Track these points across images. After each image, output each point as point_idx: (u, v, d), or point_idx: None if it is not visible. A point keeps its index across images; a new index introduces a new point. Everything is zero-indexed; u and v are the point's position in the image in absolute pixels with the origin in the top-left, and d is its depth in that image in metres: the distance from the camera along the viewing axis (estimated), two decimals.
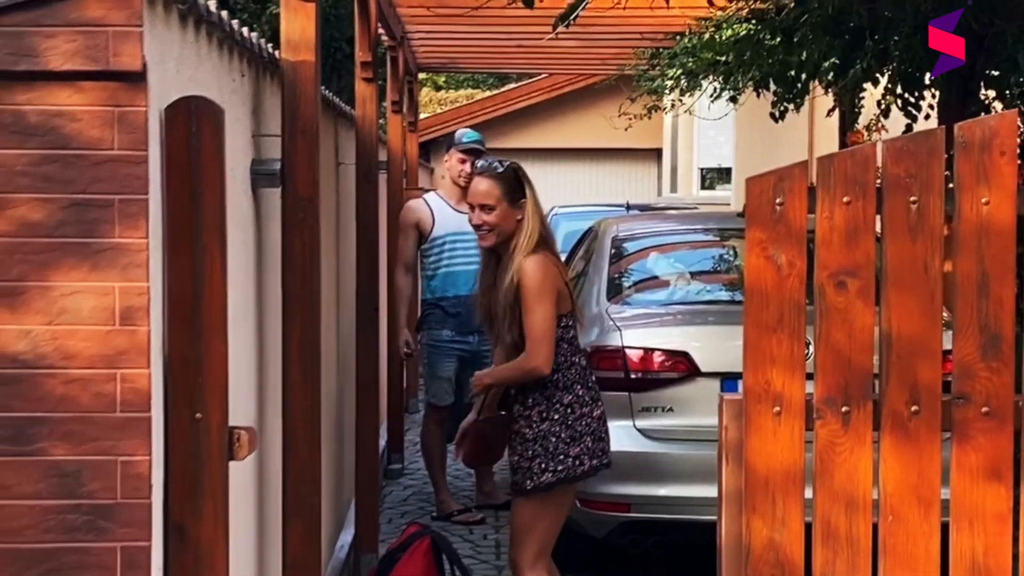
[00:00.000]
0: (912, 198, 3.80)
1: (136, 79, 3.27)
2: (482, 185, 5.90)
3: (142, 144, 3.30)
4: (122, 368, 3.32)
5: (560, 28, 7.47)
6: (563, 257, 10.67)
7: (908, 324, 3.87)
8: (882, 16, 7.89)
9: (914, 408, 3.84)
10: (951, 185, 3.91)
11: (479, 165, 6.22)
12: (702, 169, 20.97)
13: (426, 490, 9.12)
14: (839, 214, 3.83)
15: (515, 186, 5.88)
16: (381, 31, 9.25)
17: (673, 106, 13.66)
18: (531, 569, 5.79)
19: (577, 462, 5.74)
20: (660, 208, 15.71)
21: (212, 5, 3.97)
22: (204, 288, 3.50)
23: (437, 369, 8.70)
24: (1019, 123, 4.66)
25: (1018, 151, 4.07)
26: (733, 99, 11.02)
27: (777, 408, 3.81)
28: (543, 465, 5.68)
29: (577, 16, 6.82)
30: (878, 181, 3.83)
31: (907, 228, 3.84)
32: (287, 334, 4.82)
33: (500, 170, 5.92)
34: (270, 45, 5.06)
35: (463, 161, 8.80)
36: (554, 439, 5.70)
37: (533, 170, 15.65)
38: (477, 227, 5.92)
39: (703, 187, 20.91)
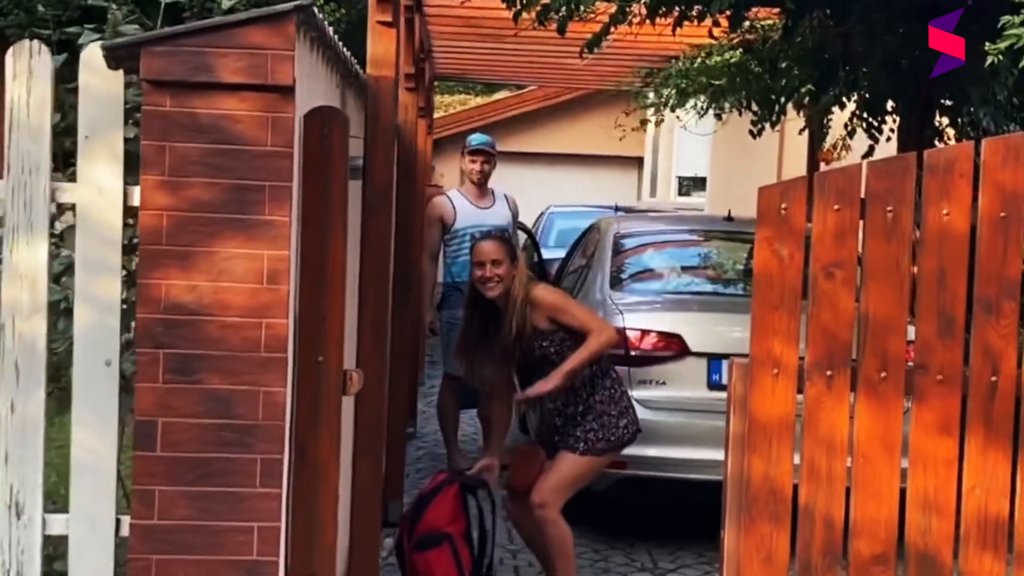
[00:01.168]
0: (888, 208, 4.12)
1: (287, 92, 3.73)
2: (491, 246, 6.25)
3: (289, 143, 3.77)
4: (266, 318, 3.78)
5: (560, 42, 7.81)
6: (563, 251, 10.88)
7: (881, 308, 4.18)
8: (854, 51, 8.15)
9: (883, 374, 4.14)
10: (918, 199, 4.21)
11: (487, 233, 6.63)
12: (679, 177, 20.79)
13: (436, 451, 9.35)
14: (830, 219, 4.12)
15: (513, 250, 6.31)
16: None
17: (662, 121, 13.63)
18: (558, 512, 6.12)
19: (625, 431, 6.19)
20: (642, 210, 15.94)
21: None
22: (328, 259, 3.95)
23: (454, 343, 9.14)
24: (978, 149, 4.98)
25: (974, 172, 4.51)
26: (718, 116, 11.22)
27: (776, 371, 4.12)
28: (599, 435, 6.09)
29: (602, 42, 7.17)
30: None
31: (883, 232, 4.15)
32: (363, 304, 5.23)
33: (503, 235, 6.40)
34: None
35: (473, 161, 9.26)
36: (606, 416, 6.11)
37: (525, 172, 15.48)
38: (487, 280, 6.19)
39: (680, 193, 20.74)
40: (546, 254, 11.68)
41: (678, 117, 11.97)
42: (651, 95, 12.40)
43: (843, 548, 4.25)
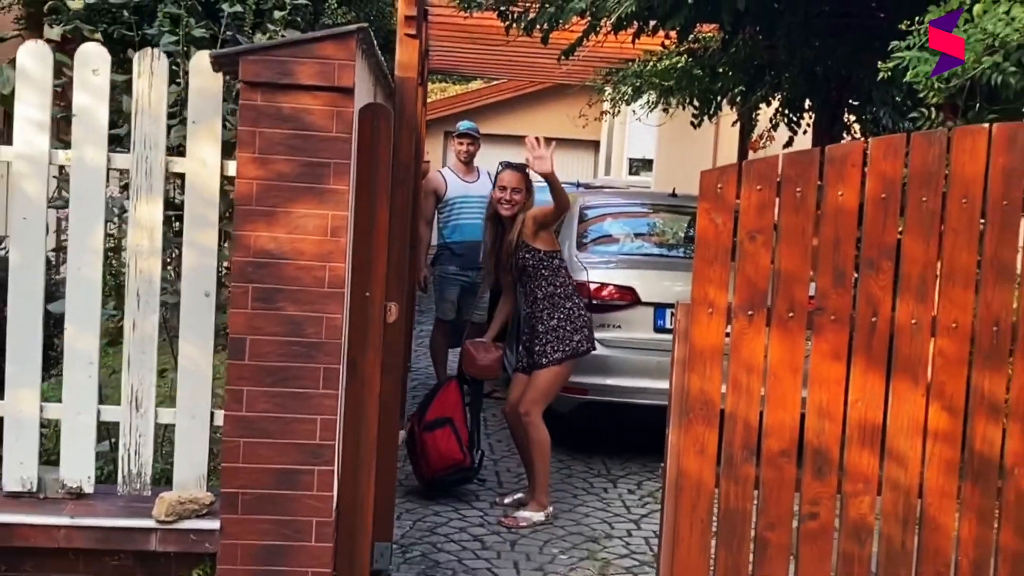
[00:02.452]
0: (798, 189, 4.37)
1: (348, 92, 4.08)
2: (515, 177, 6.60)
3: (349, 130, 4.12)
4: (329, 263, 4.13)
5: (535, 44, 7.96)
6: None
7: (790, 265, 4.42)
8: (778, 60, 8.34)
9: (791, 314, 4.41)
10: (821, 183, 4.44)
11: (514, 164, 6.83)
12: (630, 159, 20.66)
13: (428, 382, 9.63)
14: (754, 196, 4.37)
15: (530, 184, 6.64)
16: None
17: (619, 113, 13.58)
18: (539, 417, 6.47)
19: (579, 344, 6.50)
20: (599, 187, 16.06)
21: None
22: (375, 219, 4.33)
23: (445, 294, 9.33)
24: (866, 146, 5.22)
25: (863, 163, 4.74)
26: (665, 110, 11.27)
27: (710, 310, 4.39)
28: (556, 347, 6.40)
29: (575, 49, 7.40)
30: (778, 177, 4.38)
31: (793, 207, 4.38)
32: (390, 254, 5.60)
33: (525, 170, 6.65)
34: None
35: (461, 143, 9.65)
36: (562, 331, 6.42)
37: (500, 152, 15.57)
38: (504, 201, 6.56)
39: (630, 173, 20.61)
40: None
41: (633, 110, 11.87)
42: (608, 91, 12.35)
43: (757, 444, 4.48)
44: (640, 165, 20.76)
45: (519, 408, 6.52)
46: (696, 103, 10.35)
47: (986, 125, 4.54)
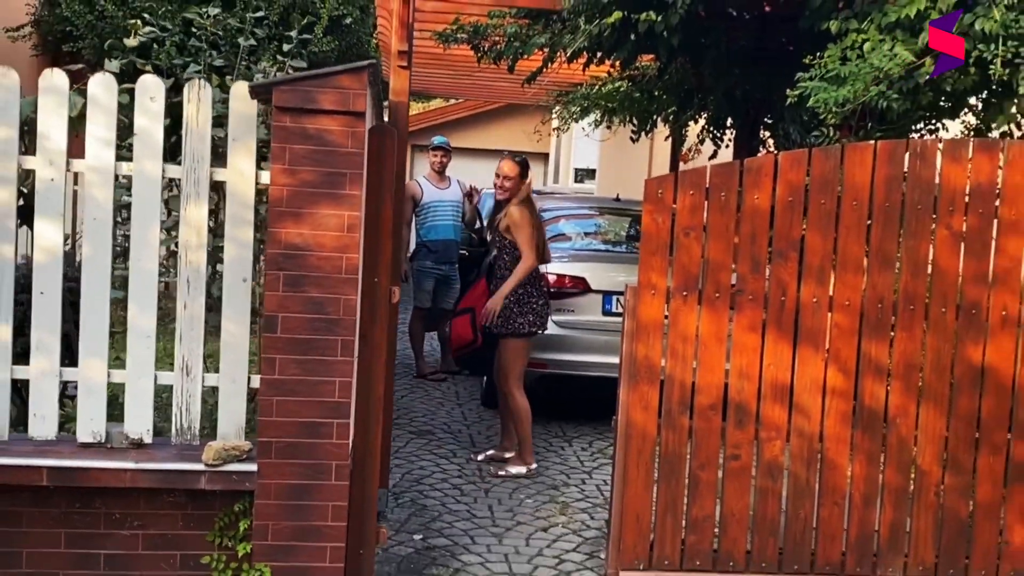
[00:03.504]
0: (722, 194, 4.62)
1: (361, 115, 4.26)
2: (508, 166, 6.75)
3: (361, 146, 4.31)
4: (346, 254, 4.29)
5: (496, 69, 8.03)
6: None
7: (716, 255, 4.65)
8: (705, 85, 8.35)
9: (717, 295, 4.65)
10: (740, 189, 4.68)
11: (510, 154, 6.98)
12: (576, 169, 20.61)
13: (406, 362, 9.87)
14: (687, 200, 4.63)
15: (524, 171, 6.76)
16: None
17: (568, 129, 13.54)
18: (515, 388, 6.72)
19: (522, 325, 6.68)
20: (549, 192, 15.99)
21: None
22: (381, 219, 4.51)
23: (422, 285, 9.57)
24: (776, 159, 4.89)
25: (774, 173, 4.73)
26: (609, 127, 11.20)
27: (653, 291, 4.63)
28: (507, 324, 6.63)
29: (536, 76, 7.58)
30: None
31: (719, 208, 4.63)
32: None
33: (520, 160, 6.79)
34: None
35: (435, 155, 9.93)
36: (509, 310, 6.63)
37: (462, 164, 15.48)
38: (498, 186, 6.75)
39: (576, 181, 20.59)
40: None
41: (583, 127, 11.93)
42: (559, 110, 12.12)
43: (691, 401, 4.74)
44: (584, 174, 20.54)
45: (496, 382, 6.85)
46: (635, 121, 10.34)
47: (872, 142, 4.83)
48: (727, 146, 9.82)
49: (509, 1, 6.88)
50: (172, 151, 4.55)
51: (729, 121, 9.46)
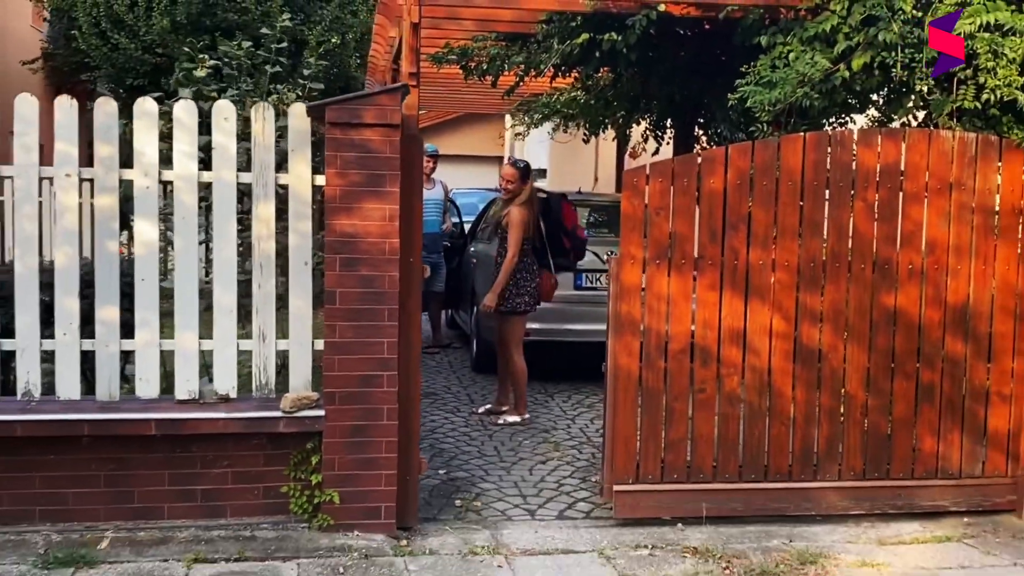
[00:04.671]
0: (685, 180, 5.04)
1: (396, 127, 4.70)
2: (509, 171, 7.10)
3: (397, 152, 4.72)
4: (388, 239, 4.72)
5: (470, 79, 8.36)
6: (473, 217, 11.26)
7: (681, 229, 5.05)
8: (651, 92, 8.79)
9: (683, 261, 5.05)
10: (699, 175, 5.06)
11: (514, 161, 7.33)
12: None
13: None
14: (657, 186, 5.03)
15: (524, 175, 7.09)
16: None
17: (528, 135, 13.78)
18: (515, 353, 7.14)
19: (518, 303, 7.11)
20: None
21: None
22: (413, 210, 4.90)
23: None
24: (727, 150, 5.28)
25: (725, 161, 5.13)
26: (566, 130, 11.64)
27: (633, 261, 5.02)
28: (506, 303, 7.04)
29: (514, 90, 8.08)
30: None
31: (682, 192, 5.03)
32: None
33: (521, 166, 7.12)
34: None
35: (427, 161, 10.25)
36: (510, 291, 7.06)
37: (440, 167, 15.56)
38: (503, 189, 7.12)
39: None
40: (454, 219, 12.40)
41: (549, 132, 12.24)
42: (518, 116, 12.62)
43: (665, 347, 5.12)
44: (536, 173, 20.99)
45: (500, 350, 7.32)
46: (588, 125, 10.80)
47: (801, 134, 5.35)
48: (668, 143, 10.32)
49: (491, 27, 7.31)
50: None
51: (669, 122, 9.99)
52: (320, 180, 4.85)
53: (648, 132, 10.50)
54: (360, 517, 4.84)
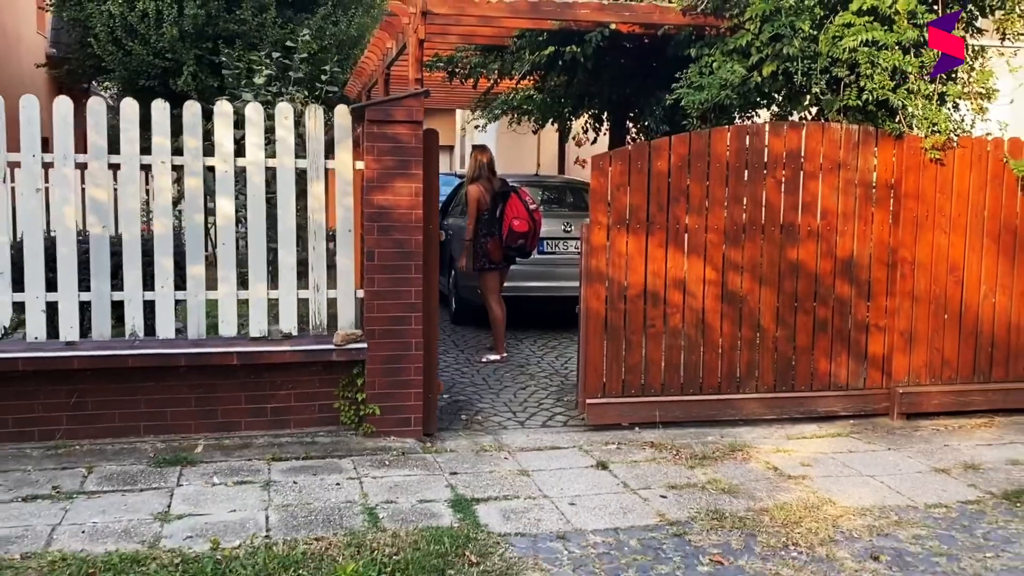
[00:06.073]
0: (639, 163, 5.59)
1: (420, 123, 5.25)
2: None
3: (420, 143, 5.26)
4: (414, 210, 5.27)
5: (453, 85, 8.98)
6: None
7: (636, 201, 5.61)
8: (595, 92, 9.14)
9: (638, 226, 5.64)
10: (649, 159, 5.63)
11: (476, 146, 7.71)
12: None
13: None
14: (618, 167, 5.61)
15: (478, 154, 7.53)
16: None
17: (486, 128, 14.34)
18: (492, 302, 7.69)
19: (486, 263, 7.62)
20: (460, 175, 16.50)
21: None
22: (431, 188, 5.41)
23: None
24: (670, 140, 5.77)
25: (669, 148, 5.81)
26: (518, 122, 12.13)
27: (599, 226, 5.61)
28: (473, 263, 7.57)
29: (490, 91, 8.68)
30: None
31: (637, 172, 5.59)
32: None
33: (474, 145, 7.51)
34: None
35: None
36: (477, 253, 7.58)
37: None
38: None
39: None
40: None
41: (511, 125, 12.58)
42: (471, 112, 13.15)
43: (624, 292, 5.69)
44: (469, 158, 21.37)
45: (483, 299, 7.95)
46: (539, 119, 11.29)
47: (726, 127, 6.06)
48: (605, 134, 10.86)
49: (473, 41, 7.96)
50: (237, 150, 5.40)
51: (606, 116, 10.56)
52: (360, 165, 5.43)
53: (588, 125, 11.02)
54: (395, 425, 5.48)
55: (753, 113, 8.11)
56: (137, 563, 3.71)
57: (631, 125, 10.27)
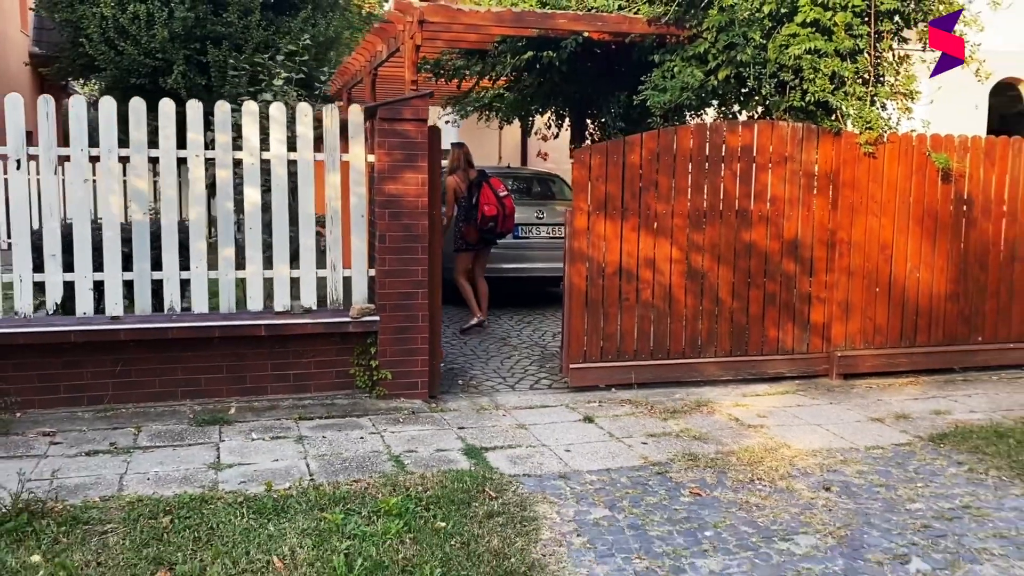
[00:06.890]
0: (614, 156, 5.86)
1: (425, 121, 5.49)
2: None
3: (426, 138, 5.51)
4: (420, 198, 5.53)
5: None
6: None
7: (612, 189, 5.90)
8: (561, 92, 9.45)
9: (614, 211, 5.94)
10: (624, 153, 6.15)
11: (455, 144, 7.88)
12: (443, 149, 21.67)
13: None
14: (596, 160, 5.90)
15: (455, 150, 7.72)
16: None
17: (460, 123, 14.11)
18: (462, 277, 7.90)
19: (462, 245, 7.84)
20: None
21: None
22: (434, 178, 5.67)
23: None
24: (642, 136, 6.04)
25: (641, 144, 6.39)
26: (488, 119, 12.05)
27: (581, 211, 5.90)
28: (452, 244, 7.73)
29: (472, 91, 8.96)
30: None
31: (613, 164, 5.89)
32: None
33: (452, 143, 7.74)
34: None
35: None
36: (455, 234, 7.78)
37: None
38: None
39: (444, 158, 21.66)
40: None
41: (485, 120, 12.39)
42: (442, 108, 13.11)
43: (602, 270, 6.00)
44: (446, 153, 21.46)
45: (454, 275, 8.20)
46: (507, 116, 11.51)
47: (690, 124, 6.51)
48: (566, 129, 11.18)
49: (458, 46, 8.27)
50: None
51: (567, 113, 10.84)
52: (371, 158, 5.71)
53: (551, 121, 11.35)
54: (404, 389, 5.80)
55: (703, 112, 8.53)
56: (204, 502, 4.03)
57: (589, 122, 10.52)
